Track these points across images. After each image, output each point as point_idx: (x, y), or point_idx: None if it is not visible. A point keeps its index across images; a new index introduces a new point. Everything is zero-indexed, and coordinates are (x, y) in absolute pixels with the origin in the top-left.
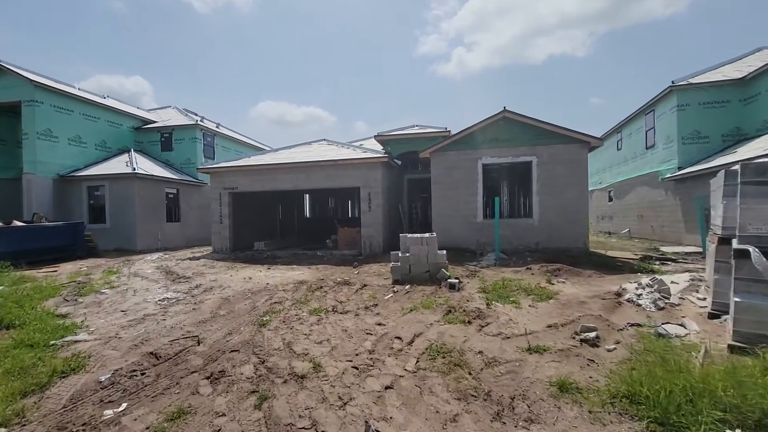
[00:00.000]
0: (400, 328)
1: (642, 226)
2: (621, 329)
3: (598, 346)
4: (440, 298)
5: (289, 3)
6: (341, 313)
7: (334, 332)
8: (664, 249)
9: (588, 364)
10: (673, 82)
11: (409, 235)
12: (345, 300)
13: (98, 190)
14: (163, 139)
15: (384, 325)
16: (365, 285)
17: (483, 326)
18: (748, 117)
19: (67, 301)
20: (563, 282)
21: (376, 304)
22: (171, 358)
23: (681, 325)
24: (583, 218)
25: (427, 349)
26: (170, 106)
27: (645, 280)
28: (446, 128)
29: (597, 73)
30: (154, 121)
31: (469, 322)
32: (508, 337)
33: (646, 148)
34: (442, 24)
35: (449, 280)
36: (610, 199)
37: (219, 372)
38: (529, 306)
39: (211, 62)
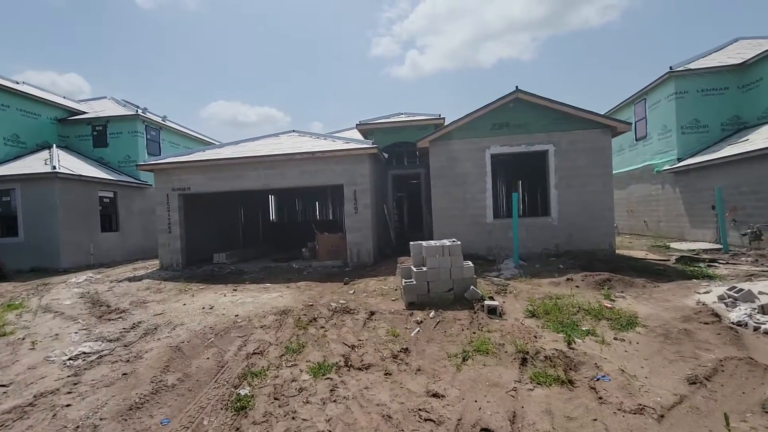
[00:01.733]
0: (472, 403)
1: (633, 222)
2: None
3: None
4: (491, 333)
5: (240, 0)
6: (360, 369)
7: (369, 421)
8: (674, 246)
9: None
10: (671, 68)
11: (425, 244)
12: (356, 342)
13: (8, 195)
14: (95, 132)
15: (443, 396)
16: (373, 312)
17: (594, 388)
18: (747, 104)
19: None
20: (622, 296)
21: (406, 349)
22: None
23: None
24: (609, 215)
25: None
26: (106, 97)
27: (720, 290)
28: (440, 115)
29: (541, 76)
30: (84, 112)
31: (571, 382)
32: (662, 416)
33: (636, 140)
34: (395, 26)
35: (486, 302)
36: None
37: None
38: (616, 339)
39: (158, 61)
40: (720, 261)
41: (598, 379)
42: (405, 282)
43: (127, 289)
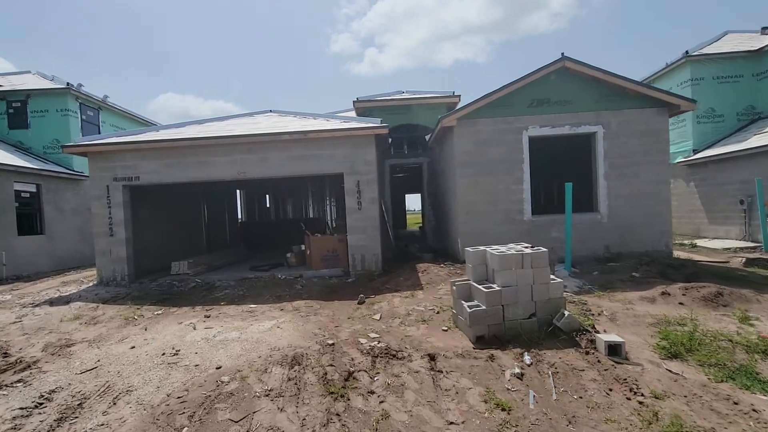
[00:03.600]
0: None
1: None
2: None
3: None
4: (658, 399)
5: None
6: None
7: None
8: (702, 244)
9: None
10: (687, 52)
11: (493, 251)
12: (446, 429)
13: None
14: (11, 110)
15: None
16: (433, 357)
17: None
18: (764, 93)
19: None
20: (757, 319)
21: None
22: None
23: None
24: (665, 211)
25: None
26: (30, 72)
27: None
28: (454, 92)
29: (495, 78)
30: None
31: None
32: None
33: None
34: (353, 23)
35: (603, 338)
36: None
37: None
38: None
39: (100, 45)
40: None
41: None
42: (469, 307)
43: (44, 320)
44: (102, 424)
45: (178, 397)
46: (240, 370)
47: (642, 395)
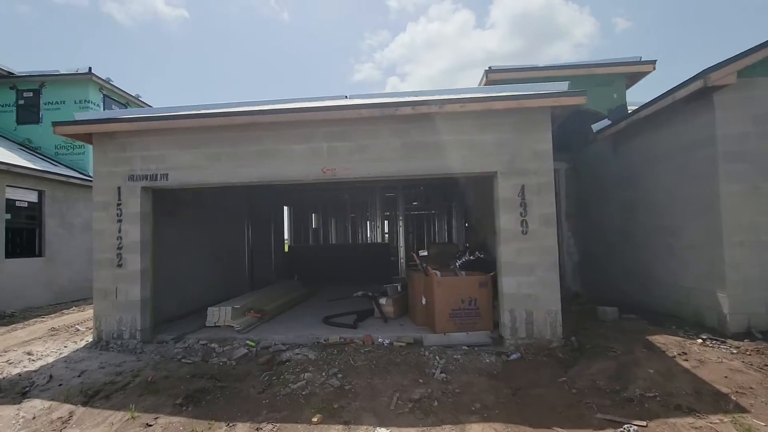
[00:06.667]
0: None
1: None
2: None
3: None
4: None
5: (224, 24)
6: None
7: None
8: None
9: None
10: None
11: None
12: None
13: None
14: (21, 101)
15: None
16: None
17: None
18: None
19: None
20: None
21: None
22: None
23: None
24: None
25: None
26: (58, 71)
27: None
28: (641, 58)
29: None
30: (10, 74)
31: None
32: None
33: None
34: (376, 54)
35: None
36: None
37: None
38: None
39: (135, 77)
40: None
41: None
42: None
43: None
44: None
45: None
46: None
47: None
